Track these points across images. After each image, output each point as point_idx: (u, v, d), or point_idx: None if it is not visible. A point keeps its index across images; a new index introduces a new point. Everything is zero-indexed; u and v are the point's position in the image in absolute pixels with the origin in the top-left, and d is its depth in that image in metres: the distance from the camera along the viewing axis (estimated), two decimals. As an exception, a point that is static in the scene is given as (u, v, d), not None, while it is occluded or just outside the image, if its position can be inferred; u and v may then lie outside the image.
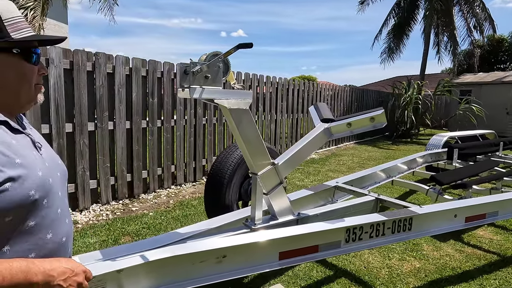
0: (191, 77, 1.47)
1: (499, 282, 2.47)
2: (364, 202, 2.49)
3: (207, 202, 2.32)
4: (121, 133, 3.94)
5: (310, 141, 2.04)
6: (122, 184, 4.03)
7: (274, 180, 1.88)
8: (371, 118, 2.01)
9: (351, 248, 1.99)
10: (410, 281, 2.46)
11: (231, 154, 2.27)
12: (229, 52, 1.50)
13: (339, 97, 9.51)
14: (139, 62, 4.05)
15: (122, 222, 3.42)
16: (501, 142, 5.80)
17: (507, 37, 18.38)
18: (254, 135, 1.75)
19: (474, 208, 2.46)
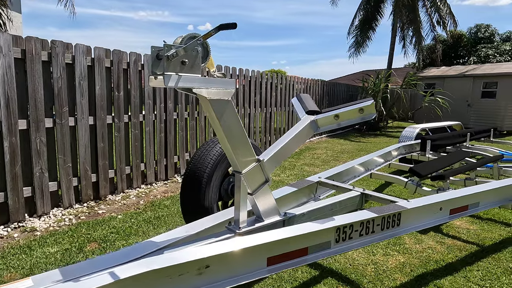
0: (165, 62, 1.26)
1: (482, 273, 2.46)
2: (350, 198, 2.39)
3: (184, 205, 2.11)
4: (84, 129, 3.60)
5: (296, 135, 1.89)
6: (87, 185, 3.70)
7: (259, 178, 1.71)
8: (360, 110, 1.88)
9: (341, 248, 1.86)
10: (397, 277, 2.39)
11: (209, 150, 2.06)
12: (209, 34, 1.30)
13: (311, 90, 9.49)
14: (102, 52, 3.71)
15: (88, 227, 3.12)
16: (468, 133, 5.99)
17: (465, 33, 19.26)
18: (237, 129, 1.57)
19: (458, 201, 2.43)
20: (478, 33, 18.56)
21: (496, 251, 2.81)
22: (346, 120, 1.93)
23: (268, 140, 7.50)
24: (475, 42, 18.45)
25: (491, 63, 15.37)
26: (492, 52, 16.80)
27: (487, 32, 18.34)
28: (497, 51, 16.80)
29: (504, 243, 2.97)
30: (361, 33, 14.95)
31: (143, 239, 2.88)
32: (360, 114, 1.90)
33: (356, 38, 15.05)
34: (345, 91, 11.89)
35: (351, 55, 15.01)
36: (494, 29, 18.43)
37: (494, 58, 16.50)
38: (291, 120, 8.49)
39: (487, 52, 16.87)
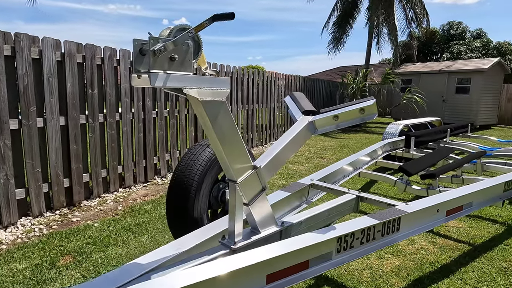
0: (150, 58, 1.07)
1: (478, 275, 2.42)
2: (346, 201, 2.27)
3: (171, 218, 1.91)
4: (54, 131, 3.31)
5: (293, 138, 1.74)
6: (59, 191, 3.41)
7: (256, 186, 1.55)
8: (361, 110, 1.75)
9: (343, 259, 1.74)
10: (394, 282, 2.31)
11: (198, 155, 1.87)
12: (201, 25, 1.12)
13: (292, 86, 9.40)
14: (73, 46, 3.42)
15: (61, 237, 2.86)
16: (448, 129, 6.07)
17: (438, 30, 19.78)
18: (233, 134, 1.40)
19: (453, 201, 2.36)
20: (450, 30, 19.10)
21: (488, 250, 2.79)
22: (346, 121, 1.80)
23: (251, 138, 7.34)
24: (448, 39, 18.98)
25: (463, 59, 15.85)
26: (464, 48, 17.33)
27: (459, 29, 18.91)
28: (468, 48, 17.34)
29: (494, 241, 2.96)
30: (339, 29, 15.00)
31: (122, 250, 2.66)
32: (361, 115, 1.77)
33: (334, 34, 15.09)
34: (324, 87, 11.89)
35: (330, 51, 15.05)
36: (466, 26, 19.02)
37: (466, 54, 17.04)
38: (273, 117, 8.36)
39: (459, 49, 17.38)
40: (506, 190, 2.93)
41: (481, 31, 18.75)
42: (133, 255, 2.59)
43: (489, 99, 12.31)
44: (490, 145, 6.97)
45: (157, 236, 2.93)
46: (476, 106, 11.86)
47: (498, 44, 17.31)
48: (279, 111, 8.69)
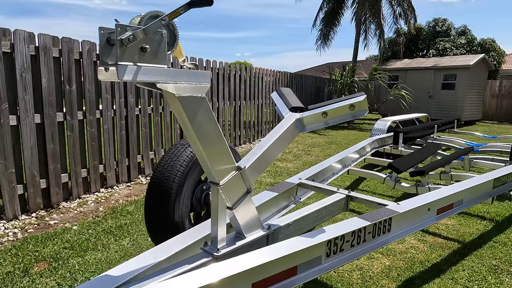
0: (118, 49, 0.94)
1: (468, 273, 2.37)
2: (335, 201, 2.19)
3: (150, 223, 1.79)
4: (29, 129, 3.13)
5: (280, 137, 1.63)
6: (35, 192, 3.24)
7: (240, 189, 1.45)
8: (351, 106, 1.66)
9: (332, 262, 1.65)
10: (385, 284, 2.24)
11: (178, 155, 1.75)
12: (176, 12, 1.00)
13: (280, 82, 9.30)
14: (48, 39, 3.23)
15: (36, 242, 2.71)
16: (435, 125, 6.08)
17: (424, 26, 19.94)
18: (214, 132, 1.29)
19: (444, 200, 2.31)
20: (436, 27, 19.27)
21: (477, 248, 2.76)
22: (335, 118, 1.71)
23: (238, 135, 7.22)
24: (433, 36, 19.15)
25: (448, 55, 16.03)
26: (449, 45, 17.52)
27: (444, 26, 19.10)
28: (453, 44, 17.54)
29: (483, 238, 2.94)
30: (326, 26, 14.96)
31: (102, 255, 2.52)
32: (351, 111, 1.68)
33: (322, 31, 15.04)
34: (312, 83, 11.83)
35: (318, 47, 15.01)
36: (451, 23, 19.22)
37: (451, 51, 17.23)
38: (261, 114, 8.26)
39: (444, 45, 17.56)
40: (495, 186, 2.91)
41: (465, 28, 18.99)
42: (113, 260, 2.46)
43: (474, 95, 12.48)
44: (475, 140, 7.02)
45: (140, 239, 2.80)
46: (461, 102, 12.00)
47: (482, 41, 17.56)
48: (267, 108, 8.59)
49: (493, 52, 17.10)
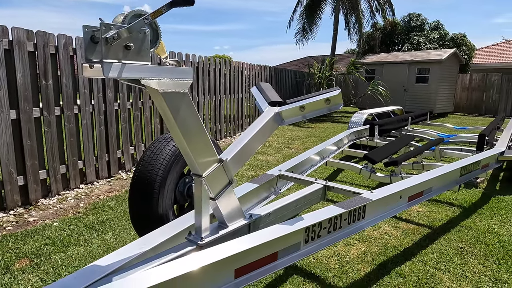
0: (103, 46, 0.98)
1: (437, 256, 2.54)
2: (314, 191, 2.29)
3: (134, 216, 1.83)
4: (4, 125, 3.07)
5: (260, 130, 1.71)
6: (12, 189, 3.18)
7: (222, 180, 1.51)
8: (327, 100, 1.75)
9: (311, 248, 1.75)
10: (360, 268, 2.37)
11: (161, 149, 1.80)
12: (159, 11, 1.05)
13: (260, 76, 9.36)
14: (22, 33, 3.16)
15: (16, 239, 2.68)
16: (409, 117, 6.33)
17: (399, 21, 20.42)
18: (196, 126, 1.34)
19: (414, 188, 2.45)
20: (410, 21, 19.78)
21: (445, 232, 2.94)
22: (312, 111, 1.79)
23: (219, 129, 7.26)
24: (408, 30, 19.66)
25: (422, 50, 16.53)
26: (422, 39, 18.05)
27: (418, 21, 19.63)
28: (427, 39, 18.09)
29: (451, 223, 3.13)
30: (306, 19, 15.08)
31: (85, 250, 2.53)
32: (327, 105, 1.77)
33: (303, 24, 15.15)
34: (292, 77, 11.96)
35: (298, 41, 15.12)
36: (424, 18, 19.78)
37: (425, 45, 17.76)
38: (241, 108, 8.30)
39: (418, 40, 18.08)
40: (462, 174, 3.10)
41: (438, 23, 19.58)
42: (96, 255, 2.48)
43: (446, 88, 12.96)
44: (447, 132, 7.35)
45: (122, 233, 2.82)
46: (434, 95, 12.45)
47: (453, 35, 18.18)
48: (247, 102, 8.65)
49: (464, 47, 17.75)
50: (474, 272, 2.34)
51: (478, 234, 2.91)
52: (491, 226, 3.07)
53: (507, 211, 3.43)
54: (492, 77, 13.89)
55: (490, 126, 5.17)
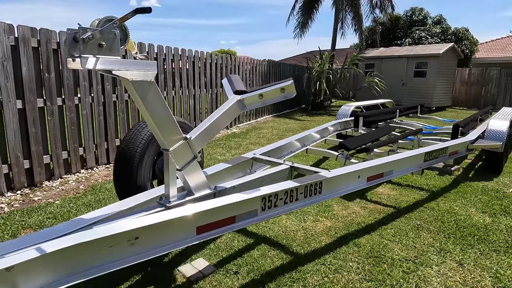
0: (81, 45, 1.30)
1: (394, 231, 2.84)
2: (280, 170, 2.59)
3: (117, 184, 2.16)
4: (11, 114, 3.41)
5: (223, 114, 2.01)
6: (19, 172, 3.54)
7: (187, 155, 1.82)
8: (282, 89, 2.05)
9: (267, 215, 2.06)
10: (323, 239, 2.68)
11: (140, 131, 2.12)
12: (125, 17, 1.35)
13: (257, 71, 9.63)
14: (27, 30, 3.49)
15: (22, 214, 3.04)
16: (397, 109, 6.57)
17: (402, 15, 20.44)
18: (162, 109, 1.65)
19: (373, 169, 2.74)
20: (413, 16, 19.79)
21: (408, 212, 3.23)
22: (270, 99, 2.09)
23: (215, 121, 7.56)
24: (411, 25, 19.68)
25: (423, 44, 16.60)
26: (424, 34, 18.09)
27: (421, 15, 19.63)
28: (429, 33, 18.13)
29: (417, 205, 3.41)
30: (305, 13, 15.26)
31: (82, 222, 2.88)
32: (282, 93, 2.07)
33: (301, 18, 15.34)
34: (291, 71, 12.19)
35: (296, 35, 15.34)
36: (427, 12, 19.77)
37: (426, 40, 17.80)
38: (238, 101, 8.59)
39: (420, 34, 18.13)
40: (427, 160, 3.37)
41: (441, 17, 19.57)
42: (91, 226, 2.82)
43: (444, 82, 13.09)
44: (436, 124, 7.56)
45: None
46: (432, 89, 12.60)
47: (456, 30, 18.19)
48: (244, 95, 8.92)
49: (466, 41, 17.75)
50: (424, 243, 2.63)
51: (438, 214, 3.19)
52: (453, 208, 3.35)
53: (471, 195, 3.70)
54: (491, 71, 13.97)
55: (470, 117, 5.40)
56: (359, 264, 2.33)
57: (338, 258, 2.41)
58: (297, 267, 2.27)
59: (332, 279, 2.16)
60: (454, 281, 2.17)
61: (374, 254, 2.46)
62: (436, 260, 2.39)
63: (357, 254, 2.46)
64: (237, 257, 2.39)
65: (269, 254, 2.44)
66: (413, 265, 2.32)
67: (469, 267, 2.32)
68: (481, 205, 3.42)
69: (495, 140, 4.30)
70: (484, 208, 3.34)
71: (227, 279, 2.14)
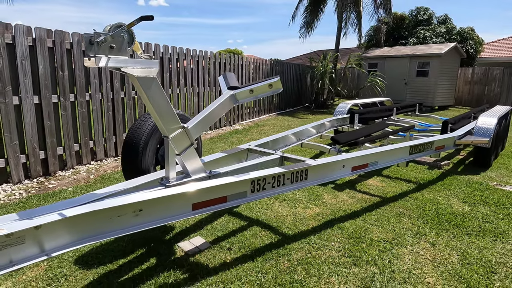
0: (96, 46, 1.58)
1: (377, 217, 3.08)
2: (271, 159, 2.86)
3: (124, 167, 2.45)
4: (29, 108, 3.73)
5: (217, 106, 2.29)
6: (35, 161, 3.86)
7: (185, 141, 2.10)
8: (270, 85, 2.31)
9: (256, 196, 2.32)
10: (310, 223, 2.94)
11: (145, 121, 2.40)
12: (132, 23, 1.63)
13: (260, 70, 9.89)
14: (43, 32, 3.81)
15: (39, 199, 3.35)
16: (394, 107, 6.78)
17: (407, 15, 20.50)
18: (163, 101, 1.93)
19: (358, 159, 2.99)
20: (418, 15, 19.85)
21: (393, 201, 3.47)
22: (260, 94, 2.36)
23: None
24: (416, 24, 19.75)
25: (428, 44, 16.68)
26: (429, 34, 18.15)
27: (426, 15, 19.68)
28: (433, 33, 18.19)
29: (402, 195, 3.65)
30: (311, 13, 15.45)
31: (92, 206, 3.18)
32: (270, 89, 2.33)
33: (306, 18, 15.54)
34: (294, 70, 12.43)
35: (302, 35, 15.54)
36: (432, 12, 19.81)
37: (431, 39, 17.87)
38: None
39: (424, 34, 18.19)
40: (412, 153, 3.60)
41: (446, 17, 19.59)
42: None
43: (446, 82, 13.21)
44: (433, 122, 7.75)
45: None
46: (434, 88, 12.73)
47: (461, 29, 18.22)
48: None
49: (471, 41, 17.78)
50: (403, 228, 2.88)
51: (421, 203, 3.43)
52: (436, 198, 3.58)
53: (456, 187, 3.92)
54: (494, 71, 14.03)
55: (462, 114, 5.59)
56: (341, 244, 2.59)
57: (322, 238, 2.66)
58: (283, 245, 2.54)
59: (314, 255, 2.42)
60: (424, 258, 2.41)
61: (356, 235, 2.71)
62: (411, 241, 2.64)
63: (340, 236, 2.71)
64: (231, 236, 2.66)
65: (260, 234, 2.71)
66: (389, 245, 2.57)
67: (440, 247, 2.56)
68: (463, 195, 3.64)
69: (483, 136, 4.51)
70: (465, 198, 3.57)
71: (220, 253, 2.42)
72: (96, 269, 2.19)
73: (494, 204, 3.40)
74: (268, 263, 2.31)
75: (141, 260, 2.30)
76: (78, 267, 2.21)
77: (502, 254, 2.48)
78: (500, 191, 3.81)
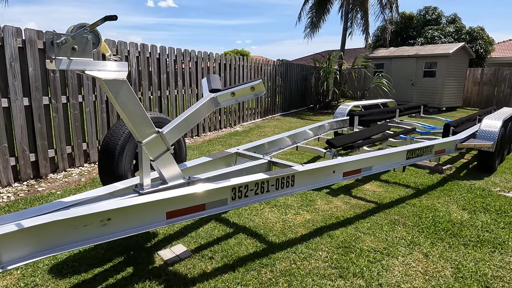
0: (56, 48, 1.50)
1: (370, 224, 2.95)
2: (258, 164, 2.75)
3: (101, 174, 2.37)
4: (18, 110, 3.69)
5: (197, 110, 2.19)
6: (25, 164, 3.82)
7: (160, 147, 2.01)
8: (252, 88, 2.21)
9: (237, 204, 2.21)
10: (299, 231, 2.82)
11: (123, 125, 2.32)
12: (95, 23, 1.54)
13: (262, 71, 9.78)
14: (33, 33, 3.77)
15: (25, 202, 3.30)
16: (397, 109, 6.61)
17: (416, 15, 20.18)
18: (134, 106, 1.84)
19: (350, 164, 2.86)
20: (426, 15, 19.52)
21: (388, 208, 3.33)
22: (242, 97, 2.26)
23: (218, 120, 7.76)
24: (424, 24, 19.41)
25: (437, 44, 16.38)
26: (437, 33, 17.82)
27: (434, 14, 19.33)
28: (442, 33, 17.85)
29: (399, 201, 3.50)
30: (316, 14, 15.29)
31: (77, 210, 3.11)
32: (252, 91, 2.23)
33: (311, 19, 15.39)
34: (298, 71, 12.29)
35: (306, 35, 15.40)
36: (441, 11, 19.46)
37: (440, 39, 17.53)
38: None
39: (433, 34, 17.87)
40: (410, 157, 3.46)
41: (455, 16, 19.22)
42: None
43: (454, 82, 12.91)
44: (438, 125, 7.54)
45: (111, 200, 3.39)
46: (441, 89, 12.45)
47: (470, 29, 17.85)
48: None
49: (481, 41, 17.40)
50: (396, 236, 2.74)
51: (419, 210, 3.28)
52: (434, 204, 3.43)
53: (456, 192, 3.76)
54: (504, 71, 13.68)
55: (467, 117, 5.41)
56: (328, 253, 2.47)
57: (310, 247, 2.55)
58: (268, 254, 2.43)
59: (299, 265, 2.31)
60: (416, 270, 2.28)
61: (345, 244, 2.59)
62: (403, 252, 2.51)
63: (329, 245, 2.59)
64: (215, 244, 2.56)
65: (245, 242, 2.60)
66: (379, 255, 2.44)
67: (434, 258, 2.42)
68: (463, 202, 3.48)
69: (487, 139, 4.33)
70: (465, 205, 3.41)
71: (201, 263, 2.32)
72: (69, 278, 2.12)
73: (495, 212, 3.24)
74: (249, 274, 2.21)
75: (118, 269, 2.22)
76: (51, 276, 2.14)
77: (499, 267, 2.33)
78: (503, 197, 3.64)
